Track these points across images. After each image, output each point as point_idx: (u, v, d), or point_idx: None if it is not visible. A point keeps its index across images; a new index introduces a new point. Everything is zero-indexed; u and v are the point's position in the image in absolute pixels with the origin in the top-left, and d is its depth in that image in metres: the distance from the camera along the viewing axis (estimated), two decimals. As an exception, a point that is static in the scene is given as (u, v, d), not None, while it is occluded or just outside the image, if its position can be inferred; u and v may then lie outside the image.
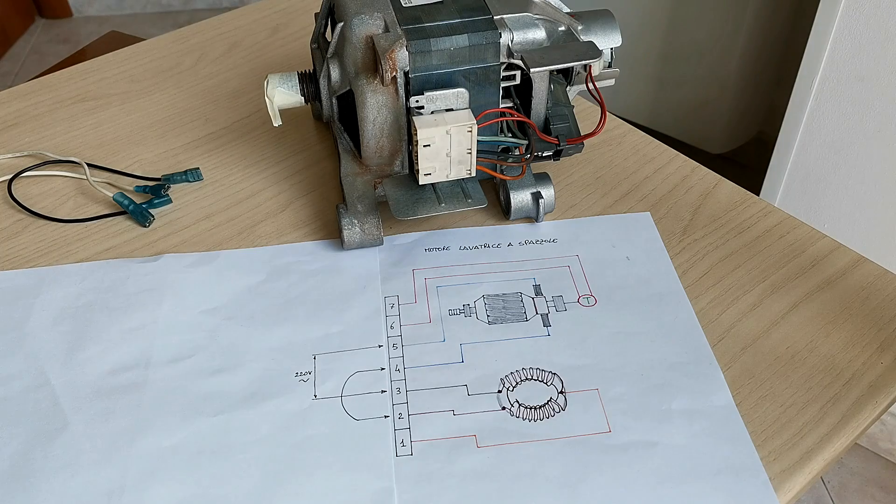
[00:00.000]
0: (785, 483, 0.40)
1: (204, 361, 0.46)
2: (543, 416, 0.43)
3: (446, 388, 0.45)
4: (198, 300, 0.49)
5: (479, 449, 0.42)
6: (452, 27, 0.48)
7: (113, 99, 0.68)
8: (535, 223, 0.55)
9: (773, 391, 0.44)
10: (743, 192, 0.57)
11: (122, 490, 0.40)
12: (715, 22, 1.53)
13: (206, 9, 2.36)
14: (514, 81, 0.51)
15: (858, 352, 0.47)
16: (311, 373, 0.45)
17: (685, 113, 1.68)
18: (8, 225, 0.56)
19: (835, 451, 0.42)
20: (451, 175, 0.49)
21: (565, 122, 0.52)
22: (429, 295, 0.50)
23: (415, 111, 0.48)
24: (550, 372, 0.45)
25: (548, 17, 0.50)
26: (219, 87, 0.69)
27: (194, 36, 0.75)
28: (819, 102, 1.06)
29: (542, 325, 0.48)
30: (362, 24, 0.48)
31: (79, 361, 0.46)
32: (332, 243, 0.53)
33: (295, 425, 0.43)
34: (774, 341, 0.47)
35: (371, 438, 0.42)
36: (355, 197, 0.52)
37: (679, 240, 0.54)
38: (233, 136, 0.63)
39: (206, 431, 0.43)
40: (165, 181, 0.57)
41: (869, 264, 0.52)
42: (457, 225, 0.55)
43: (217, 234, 0.55)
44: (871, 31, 0.96)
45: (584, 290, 0.50)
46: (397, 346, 0.47)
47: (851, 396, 0.44)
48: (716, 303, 0.49)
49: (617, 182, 0.58)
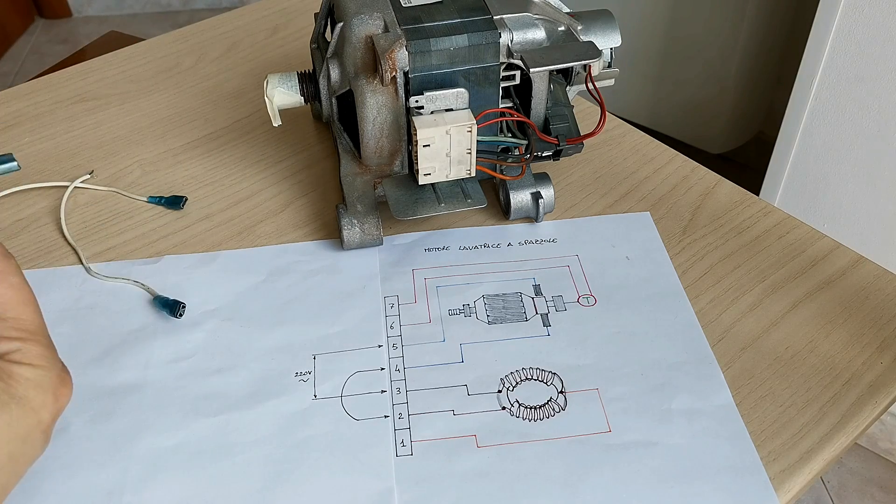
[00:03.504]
0: (785, 483, 0.40)
1: (204, 361, 0.46)
2: (543, 415, 0.43)
3: (446, 388, 0.45)
4: (198, 300, 0.49)
5: (479, 449, 0.42)
6: (452, 27, 0.48)
7: (112, 99, 0.68)
8: (534, 223, 0.55)
9: (772, 391, 0.44)
10: (743, 192, 0.57)
11: (122, 490, 0.40)
12: (715, 22, 1.53)
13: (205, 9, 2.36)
14: (514, 81, 0.51)
15: (858, 352, 0.47)
16: (310, 373, 0.45)
17: (685, 113, 1.68)
18: (8, 225, 0.56)
19: (834, 451, 0.42)
20: (451, 175, 0.49)
21: (565, 122, 0.52)
22: (429, 295, 0.50)
23: (414, 111, 0.48)
24: (550, 372, 0.45)
25: (547, 17, 0.50)
26: (218, 87, 0.69)
27: (194, 36, 0.75)
28: (819, 102, 1.06)
29: (541, 325, 0.48)
30: (362, 24, 0.48)
31: (79, 363, 0.46)
32: (332, 243, 0.53)
33: (295, 425, 0.43)
34: (774, 341, 0.47)
35: (371, 438, 0.42)
36: (355, 197, 0.52)
37: (679, 240, 0.54)
38: (232, 136, 0.63)
39: (206, 431, 0.43)
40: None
41: (869, 264, 0.52)
42: (457, 225, 0.55)
43: (216, 234, 0.55)
44: (871, 31, 0.96)
45: (583, 290, 0.50)
46: (397, 346, 0.47)
47: (851, 396, 0.44)
48: (715, 303, 0.49)
49: (617, 182, 0.58)
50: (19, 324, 0.30)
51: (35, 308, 0.31)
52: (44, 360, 0.30)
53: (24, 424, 0.30)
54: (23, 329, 0.30)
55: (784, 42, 1.56)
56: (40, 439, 0.31)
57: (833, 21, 0.98)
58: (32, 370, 0.30)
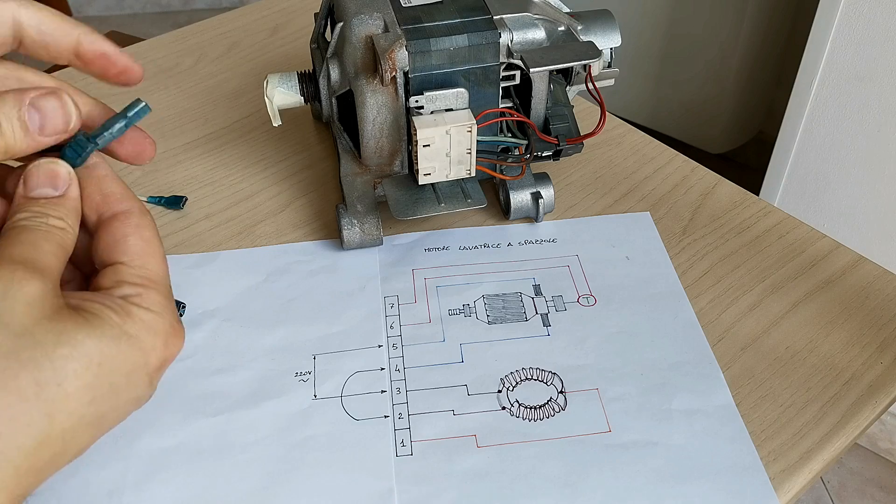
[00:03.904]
0: (785, 483, 0.40)
1: (204, 361, 0.46)
2: (543, 415, 0.43)
3: (446, 388, 0.45)
4: (198, 300, 0.49)
5: (479, 449, 0.42)
6: (452, 27, 0.48)
7: (112, 99, 0.67)
8: (534, 223, 0.55)
9: (772, 391, 0.44)
10: (743, 192, 0.57)
11: (122, 490, 0.40)
12: (715, 22, 1.53)
13: (205, 9, 2.36)
14: (514, 81, 0.51)
15: (858, 352, 0.47)
16: (311, 373, 0.45)
17: (685, 113, 1.68)
18: (8, 225, 0.56)
19: (835, 451, 0.42)
20: (451, 175, 0.49)
21: (565, 122, 0.52)
22: (428, 295, 0.50)
23: (414, 111, 0.48)
24: (550, 372, 0.45)
25: (547, 17, 0.50)
26: (218, 88, 0.69)
27: (194, 36, 0.75)
28: (819, 102, 1.06)
29: (541, 325, 0.48)
30: (362, 24, 0.48)
31: (79, 361, 0.46)
32: (332, 243, 0.53)
33: (295, 425, 0.43)
34: (774, 341, 0.47)
35: (371, 438, 0.42)
36: (355, 197, 0.52)
37: (679, 240, 0.54)
38: (232, 136, 0.63)
39: (206, 431, 0.43)
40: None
41: (869, 264, 0.52)
42: (456, 225, 0.55)
43: (216, 234, 0.55)
44: (871, 31, 0.96)
45: (583, 290, 0.50)
46: (397, 346, 0.47)
47: (851, 396, 0.44)
48: (715, 303, 0.49)
49: (616, 182, 0.58)
50: (144, 272, 0.32)
51: (161, 261, 0.33)
52: (160, 308, 0.32)
53: (130, 361, 0.31)
54: (146, 277, 0.32)
55: (784, 42, 1.56)
56: (144, 381, 0.32)
57: (833, 21, 0.98)
58: (149, 314, 0.31)
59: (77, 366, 0.29)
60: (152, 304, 0.32)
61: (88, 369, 0.29)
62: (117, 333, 0.30)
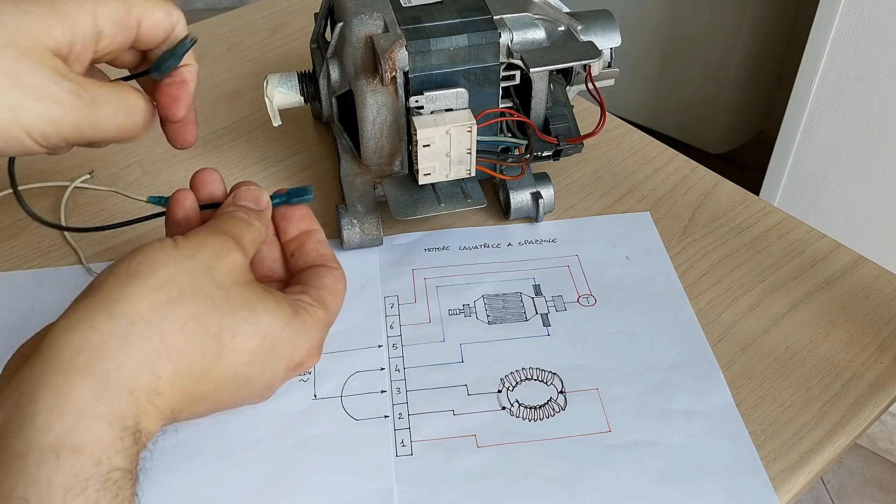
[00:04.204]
0: (785, 483, 0.40)
1: (204, 361, 0.46)
2: (543, 415, 0.43)
3: (446, 388, 0.45)
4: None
5: (479, 449, 0.42)
6: (452, 27, 0.48)
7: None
8: (534, 223, 0.55)
9: (772, 391, 0.44)
10: (742, 192, 0.57)
11: (121, 490, 0.40)
12: (715, 22, 1.53)
13: (205, 9, 2.36)
14: (514, 81, 0.51)
15: (858, 352, 0.47)
16: (311, 373, 0.45)
17: (685, 113, 1.69)
18: (8, 225, 0.56)
19: (834, 451, 0.42)
20: (451, 175, 0.49)
21: (565, 122, 0.52)
22: (428, 295, 0.50)
23: (414, 111, 0.48)
24: (550, 372, 0.45)
25: (547, 17, 0.50)
26: (218, 88, 0.69)
27: (194, 36, 0.75)
28: (819, 102, 1.06)
29: (541, 325, 0.48)
30: (362, 24, 0.48)
31: (79, 361, 0.46)
32: (332, 243, 0.53)
33: (295, 425, 0.43)
34: (774, 341, 0.47)
35: (371, 438, 0.42)
36: (355, 197, 0.52)
37: (679, 240, 0.54)
38: (232, 136, 0.63)
39: (206, 431, 0.43)
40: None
41: (869, 264, 0.52)
42: (456, 225, 0.55)
43: (217, 234, 0.54)
44: (871, 31, 0.96)
45: (583, 290, 0.50)
46: (397, 346, 0.47)
47: (851, 396, 0.44)
48: (715, 303, 0.49)
49: (616, 182, 0.58)
50: (323, 298, 0.38)
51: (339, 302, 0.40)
52: (321, 326, 0.38)
53: (285, 346, 0.36)
54: (323, 301, 0.38)
55: (784, 42, 1.56)
56: (279, 373, 0.37)
57: (833, 21, 0.98)
58: (312, 321, 0.37)
59: (250, 329, 0.35)
60: (318, 319, 0.38)
61: (257, 335, 0.35)
62: (287, 321, 0.36)
